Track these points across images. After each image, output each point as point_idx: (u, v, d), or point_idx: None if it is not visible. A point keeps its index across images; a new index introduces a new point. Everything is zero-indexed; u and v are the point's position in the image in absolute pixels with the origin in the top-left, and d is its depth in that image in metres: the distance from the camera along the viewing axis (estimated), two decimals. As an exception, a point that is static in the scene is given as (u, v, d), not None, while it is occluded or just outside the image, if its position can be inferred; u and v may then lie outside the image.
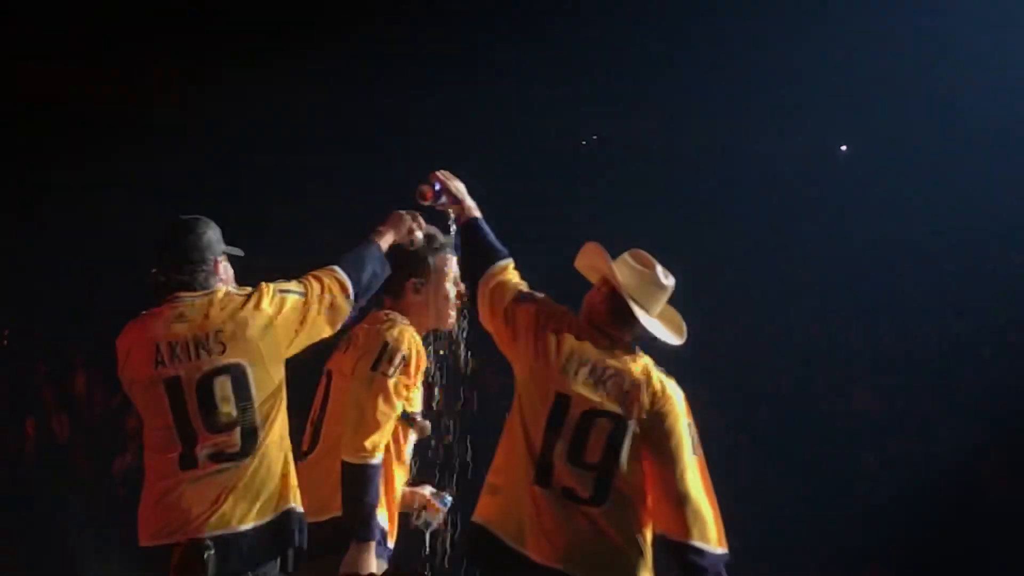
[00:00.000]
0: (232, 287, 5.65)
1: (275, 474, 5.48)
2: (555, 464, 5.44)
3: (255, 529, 5.44)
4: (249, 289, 5.63)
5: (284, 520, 5.51)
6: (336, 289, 5.67)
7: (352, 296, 5.69)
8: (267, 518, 5.46)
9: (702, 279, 14.19)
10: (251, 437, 5.44)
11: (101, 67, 15.46)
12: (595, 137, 15.20)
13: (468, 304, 5.91)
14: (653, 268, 5.64)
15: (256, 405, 5.45)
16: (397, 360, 5.74)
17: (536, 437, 5.48)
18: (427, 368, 5.93)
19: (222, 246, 5.65)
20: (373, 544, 5.62)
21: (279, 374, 5.55)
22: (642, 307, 5.60)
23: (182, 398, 5.43)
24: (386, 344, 5.76)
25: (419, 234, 5.93)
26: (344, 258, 5.78)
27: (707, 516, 5.49)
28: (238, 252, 5.72)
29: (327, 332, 5.69)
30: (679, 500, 5.46)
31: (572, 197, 14.49)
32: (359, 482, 5.63)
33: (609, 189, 14.79)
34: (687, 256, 12.92)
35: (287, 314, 5.56)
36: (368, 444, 5.65)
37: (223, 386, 5.42)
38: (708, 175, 15.23)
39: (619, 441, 5.41)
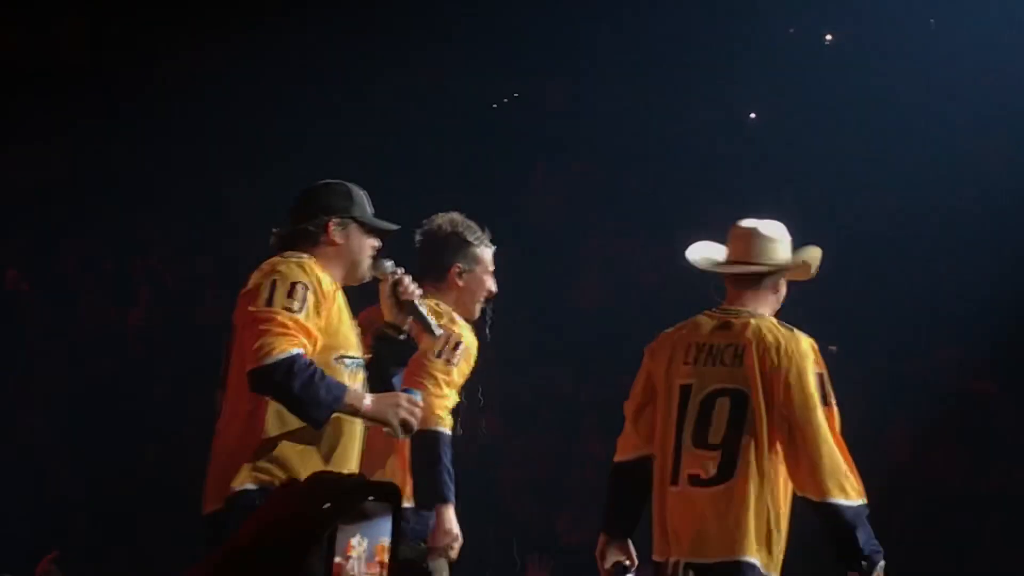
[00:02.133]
0: (364, 256, 5.49)
1: None
2: (683, 452, 5.59)
3: None
4: (289, 258, 5.43)
5: None
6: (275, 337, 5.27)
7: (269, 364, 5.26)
8: None
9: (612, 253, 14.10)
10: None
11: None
12: (516, 95, 15.02)
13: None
14: (751, 228, 5.97)
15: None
16: (460, 351, 5.91)
17: (668, 435, 5.66)
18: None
19: (353, 211, 5.47)
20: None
21: None
22: (751, 263, 5.84)
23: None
24: (449, 336, 5.89)
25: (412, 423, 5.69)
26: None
27: (842, 469, 5.51)
28: (388, 226, 5.57)
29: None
30: (812, 457, 5.50)
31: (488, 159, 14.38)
32: (432, 448, 5.76)
33: (519, 153, 14.63)
34: (591, 228, 12.85)
35: (248, 299, 5.38)
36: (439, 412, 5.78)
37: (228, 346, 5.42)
38: (617, 141, 15.08)
39: (740, 415, 5.52)
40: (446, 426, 5.98)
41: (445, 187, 12.69)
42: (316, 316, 5.26)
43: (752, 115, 15.79)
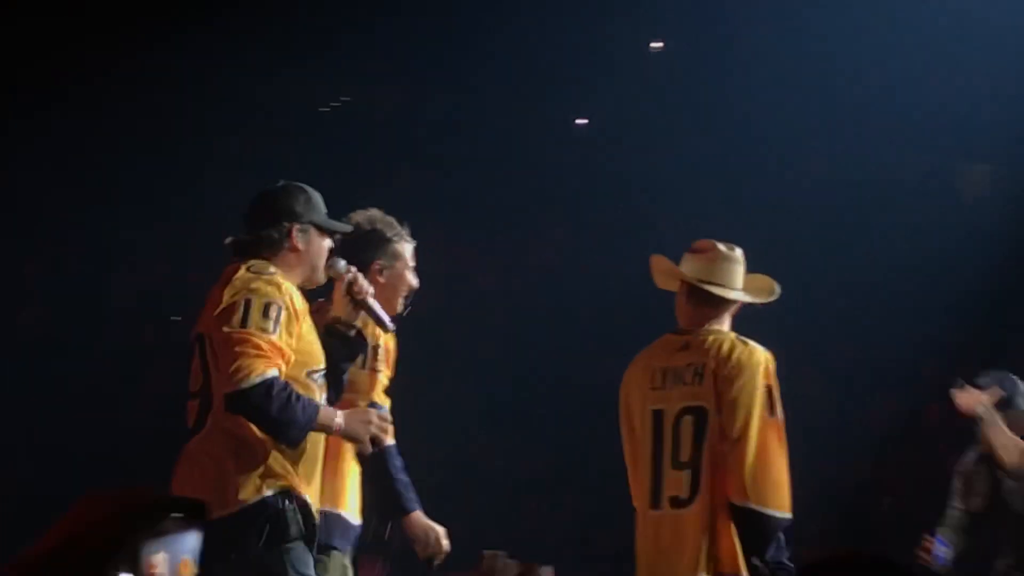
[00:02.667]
0: (319, 261, 5.48)
1: None
2: (663, 475, 5.65)
3: None
4: (260, 273, 5.38)
5: None
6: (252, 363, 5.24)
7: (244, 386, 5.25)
8: None
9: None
10: (206, 407, 5.39)
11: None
12: (343, 100, 14.96)
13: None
14: (713, 248, 5.91)
15: (212, 376, 5.33)
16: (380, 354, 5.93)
17: (645, 460, 5.75)
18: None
19: (313, 216, 5.46)
20: None
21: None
22: (719, 284, 5.83)
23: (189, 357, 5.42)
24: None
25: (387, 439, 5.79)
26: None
27: (771, 478, 5.51)
28: (344, 228, 5.62)
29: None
30: (742, 462, 5.48)
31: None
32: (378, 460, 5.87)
33: (350, 157, 14.56)
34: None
35: (220, 316, 5.31)
36: None
37: (197, 354, 5.38)
38: (447, 147, 15.09)
39: (702, 432, 5.58)
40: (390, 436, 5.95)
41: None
42: (288, 336, 5.30)
43: (580, 121, 15.86)
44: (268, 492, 5.29)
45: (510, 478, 13.67)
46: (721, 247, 5.95)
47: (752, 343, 5.82)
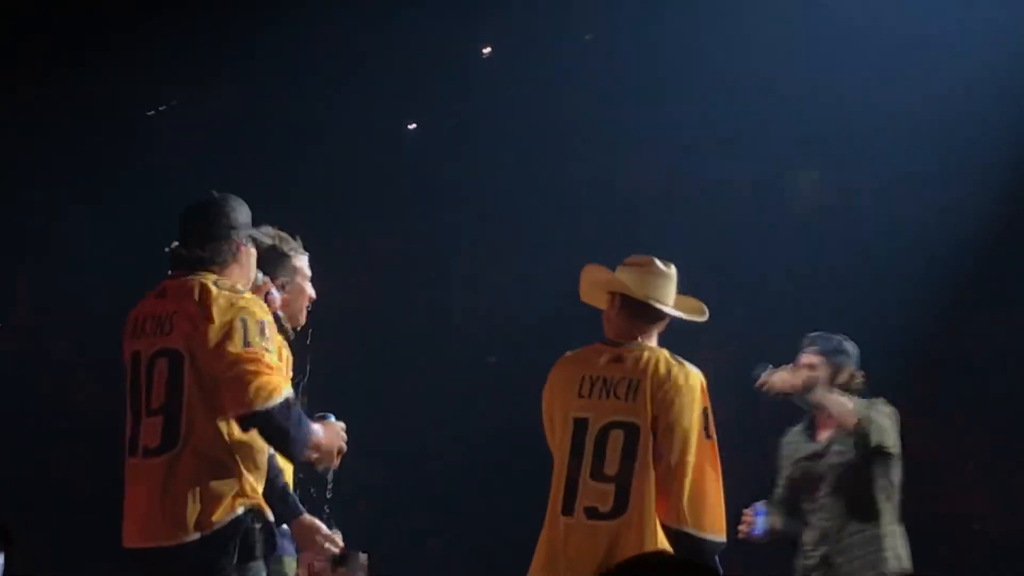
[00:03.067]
0: (254, 275, 5.50)
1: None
2: (579, 485, 5.62)
3: None
4: (236, 291, 5.36)
5: None
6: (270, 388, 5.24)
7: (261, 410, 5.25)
8: None
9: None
10: (174, 426, 5.27)
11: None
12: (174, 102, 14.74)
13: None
14: (652, 263, 5.93)
15: (185, 395, 5.25)
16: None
17: (562, 466, 5.69)
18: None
19: (251, 229, 5.50)
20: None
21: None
22: (656, 300, 5.85)
23: (136, 374, 5.38)
24: None
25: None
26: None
27: (707, 501, 5.48)
28: (265, 240, 5.63)
29: (223, 402, 5.30)
30: (678, 485, 5.54)
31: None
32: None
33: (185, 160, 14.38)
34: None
35: (215, 336, 5.26)
36: None
37: (161, 368, 5.30)
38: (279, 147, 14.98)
39: (633, 448, 5.55)
40: None
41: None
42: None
43: (411, 126, 15.87)
44: (239, 511, 5.27)
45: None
46: (659, 263, 5.97)
47: (686, 362, 5.88)
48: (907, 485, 7.46)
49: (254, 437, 5.33)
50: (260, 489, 5.37)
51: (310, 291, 6.17)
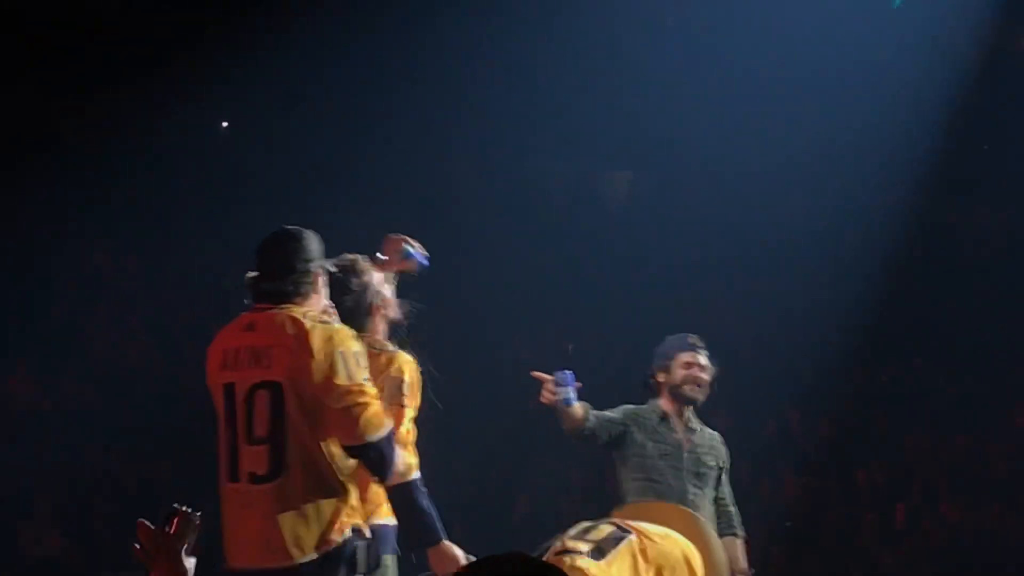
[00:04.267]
0: (325, 303, 5.64)
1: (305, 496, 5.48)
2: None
3: None
4: (327, 323, 5.54)
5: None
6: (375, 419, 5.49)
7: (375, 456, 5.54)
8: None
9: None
10: (280, 454, 5.44)
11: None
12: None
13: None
14: None
15: (288, 425, 5.44)
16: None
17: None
18: None
19: (323, 259, 5.65)
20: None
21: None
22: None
23: (233, 405, 5.55)
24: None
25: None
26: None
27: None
28: (333, 266, 5.77)
29: (332, 432, 5.52)
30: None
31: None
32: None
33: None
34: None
35: (318, 372, 5.45)
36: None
37: (262, 399, 5.49)
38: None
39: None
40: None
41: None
42: None
43: (224, 124, 15.79)
44: (348, 532, 5.54)
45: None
46: None
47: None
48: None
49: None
50: (360, 504, 5.67)
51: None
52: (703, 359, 7.63)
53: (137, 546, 3.80)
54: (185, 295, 14.06)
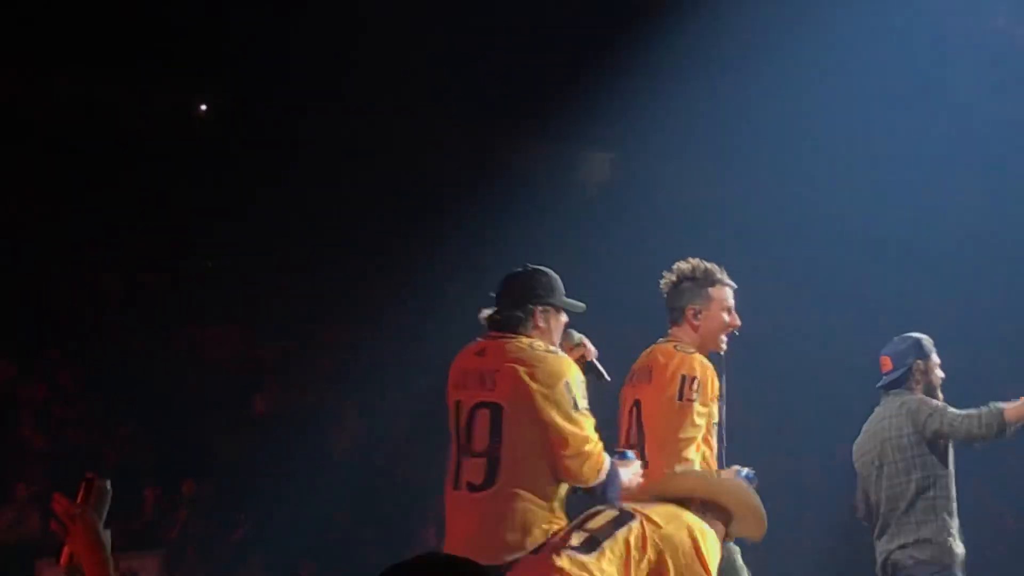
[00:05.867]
0: (554, 337, 6.06)
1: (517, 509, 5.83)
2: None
3: None
4: (550, 351, 5.93)
5: None
6: (591, 458, 5.87)
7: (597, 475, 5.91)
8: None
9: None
10: (495, 468, 5.84)
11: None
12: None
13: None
14: None
15: (504, 442, 5.83)
16: (696, 387, 6.48)
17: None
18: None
19: (553, 298, 6.05)
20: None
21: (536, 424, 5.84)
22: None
23: (459, 420, 6.00)
24: (684, 376, 6.53)
25: None
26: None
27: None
28: (578, 307, 6.14)
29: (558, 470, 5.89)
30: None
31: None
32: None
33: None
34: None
35: (543, 400, 5.81)
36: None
37: (483, 417, 5.92)
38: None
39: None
40: None
41: None
42: None
43: (203, 107, 15.83)
44: (548, 536, 5.85)
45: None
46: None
47: None
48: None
49: None
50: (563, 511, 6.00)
51: (728, 319, 6.73)
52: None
53: (53, 520, 3.78)
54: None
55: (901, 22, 14.93)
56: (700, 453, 6.56)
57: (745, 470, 6.46)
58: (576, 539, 5.48)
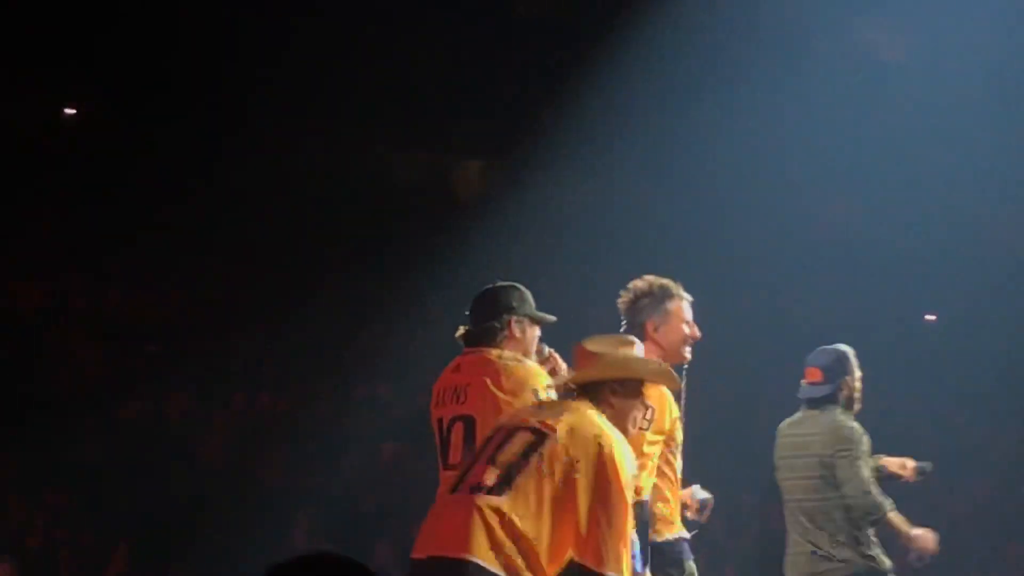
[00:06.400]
0: (532, 348, 6.22)
1: None
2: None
3: None
4: (518, 360, 6.10)
5: None
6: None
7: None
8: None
9: None
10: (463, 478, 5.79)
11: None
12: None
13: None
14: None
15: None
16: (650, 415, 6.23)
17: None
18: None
19: (526, 309, 6.23)
20: None
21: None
22: None
23: (442, 434, 6.19)
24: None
25: None
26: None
27: None
28: (548, 319, 6.30)
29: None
30: None
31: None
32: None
33: None
34: None
35: (509, 408, 5.90)
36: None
37: (458, 431, 6.13)
38: None
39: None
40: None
41: None
42: None
43: (70, 111, 15.69)
44: None
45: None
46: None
47: None
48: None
49: None
50: None
51: (688, 331, 6.79)
52: None
53: None
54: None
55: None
56: (652, 479, 6.57)
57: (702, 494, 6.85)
58: (490, 477, 5.44)
